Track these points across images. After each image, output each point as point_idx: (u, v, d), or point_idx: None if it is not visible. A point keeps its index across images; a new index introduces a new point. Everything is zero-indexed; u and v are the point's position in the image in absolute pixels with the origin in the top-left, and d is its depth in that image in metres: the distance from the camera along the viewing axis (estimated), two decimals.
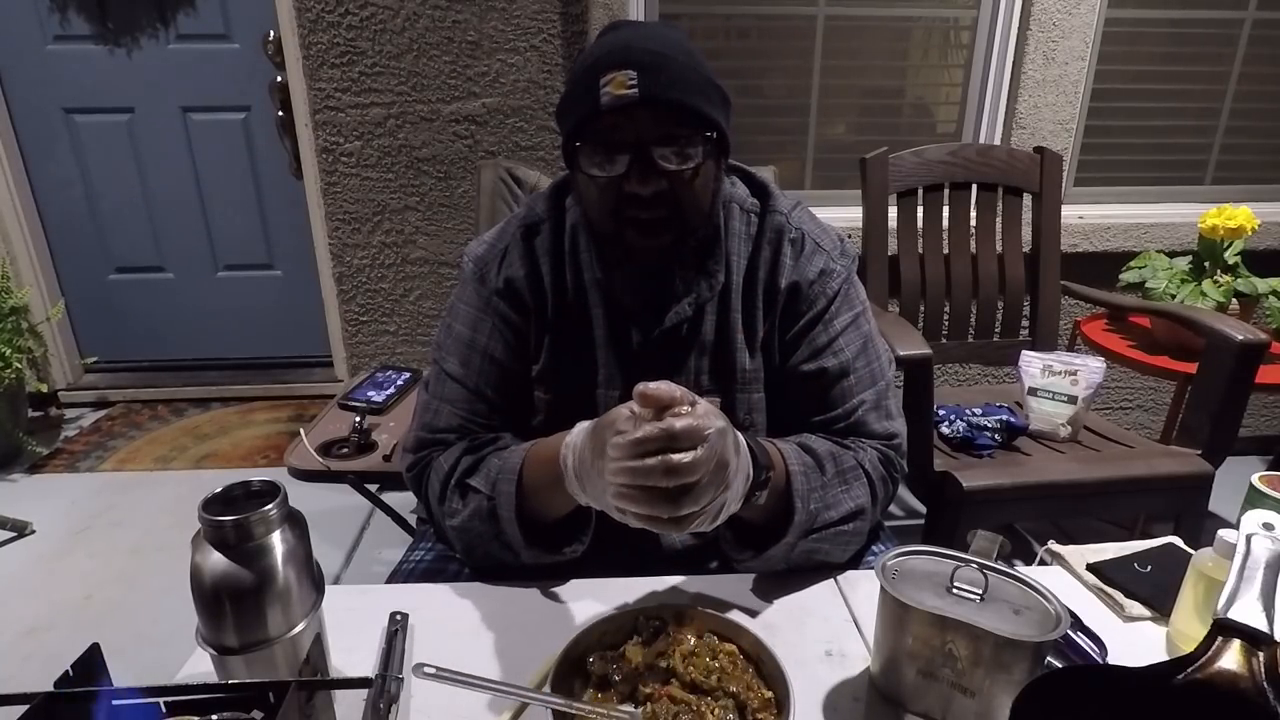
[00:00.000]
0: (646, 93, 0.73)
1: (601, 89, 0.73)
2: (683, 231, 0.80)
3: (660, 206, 0.77)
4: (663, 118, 0.75)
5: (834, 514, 0.79)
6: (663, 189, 0.76)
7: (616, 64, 0.74)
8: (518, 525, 0.77)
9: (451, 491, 0.83)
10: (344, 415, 1.57)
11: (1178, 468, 1.40)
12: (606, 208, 0.79)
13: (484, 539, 0.81)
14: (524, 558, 0.80)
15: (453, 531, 0.84)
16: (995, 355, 1.83)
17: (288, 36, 2.19)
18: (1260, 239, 2.05)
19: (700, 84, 0.76)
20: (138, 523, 2.07)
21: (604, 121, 0.75)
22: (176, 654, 0.67)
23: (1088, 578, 0.81)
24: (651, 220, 0.78)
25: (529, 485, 0.78)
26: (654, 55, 0.74)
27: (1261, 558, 0.56)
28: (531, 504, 0.78)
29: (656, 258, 0.81)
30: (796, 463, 0.77)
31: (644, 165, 0.75)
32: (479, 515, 0.80)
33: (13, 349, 2.25)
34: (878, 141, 1.75)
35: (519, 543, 0.78)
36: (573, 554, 0.80)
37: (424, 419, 0.89)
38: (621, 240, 0.80)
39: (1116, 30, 2.21)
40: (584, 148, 0.77)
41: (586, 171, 0.78)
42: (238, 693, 0.55)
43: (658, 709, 0.60)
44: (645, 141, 0.75)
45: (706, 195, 0.81)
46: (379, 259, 2.39)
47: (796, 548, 0.78)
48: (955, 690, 0.61)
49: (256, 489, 0.61)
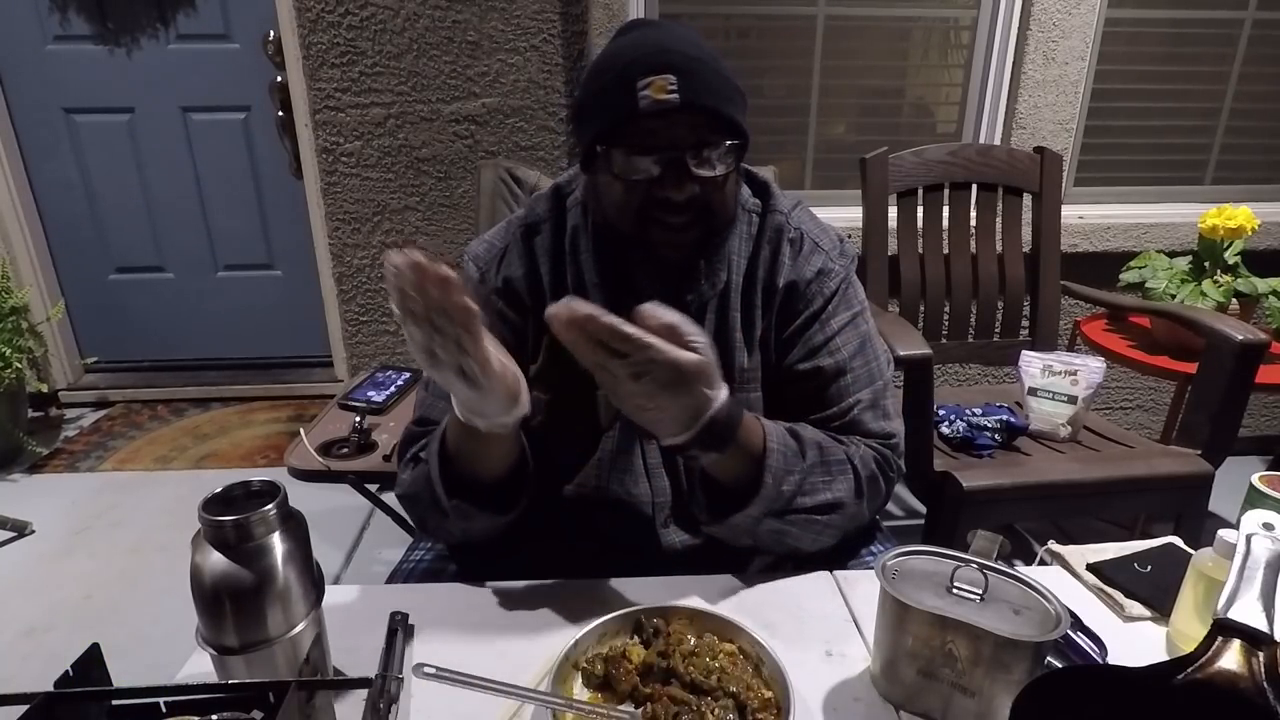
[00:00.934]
0: (686, 98, 0.73)
1: (639, 92, 0.73)
2: (708, 233, 0.81)
3: (689, 211, 0.78)
4: (699, 124, 0.75)
5: (808, 500, 0.79)
6: (694, 194, 0.76)
7: (657, 67, 0.73)
8: (440, 477, 0.77)
9: (405, 465, 0.84)
10: (344, 415, 1.57)
11: (1178, 468, 1.40)
12: (632, 208, 0.79)
13: (425, 505, 0.80)
14: (453, 517, 0.78)
15: (404, 504, 0.84)
16: (995, 355, 1.83)
17: (288, 36, 2.19)
18: (1260, 239, 2.05)
19: (730, 90, 0.77)
20: (138, 523, 2.07)
21: (639, 125, 0.74)
22: (176, 654, 0.67)
23: (1088, 578, 0.81)
24: (680, 224, 0.78)
25: (452, 440, 0.77)
26: (690, 60, 0.74)
27: (1261, 558, 0.56)
28: (460, 464, 0.77)
29: (683, 255, 0.82)
30: (776, 440, 0.77)
31: (678, 171, 0.75)
32: (418, 480, 0.80)
33: (13, 349, 2.25)
34: (878, 141, 1.75)
35: (444, 499, 0.77)
36: (508, 517, 0.79)
37: (419, 414, 0.89)
38: (645, 240, 0.80)
39: (1116, 30, 2.21)
40: (614, 150, 0.76)
41: (614, 173, 0.77)
42: (238, 693, 0.55)
43: (658, 709, 0.60)
44: (681, 146, 0.75)
45: (732, 199, 0.83)
46: (379, 259, 2.39)
47: (763, 524, 0.77)
48: (955, 690, 0.61)
49: (256, 489, 0.61)
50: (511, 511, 0.80)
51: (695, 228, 0.80)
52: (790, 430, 0.81)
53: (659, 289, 0.85)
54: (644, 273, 0.84)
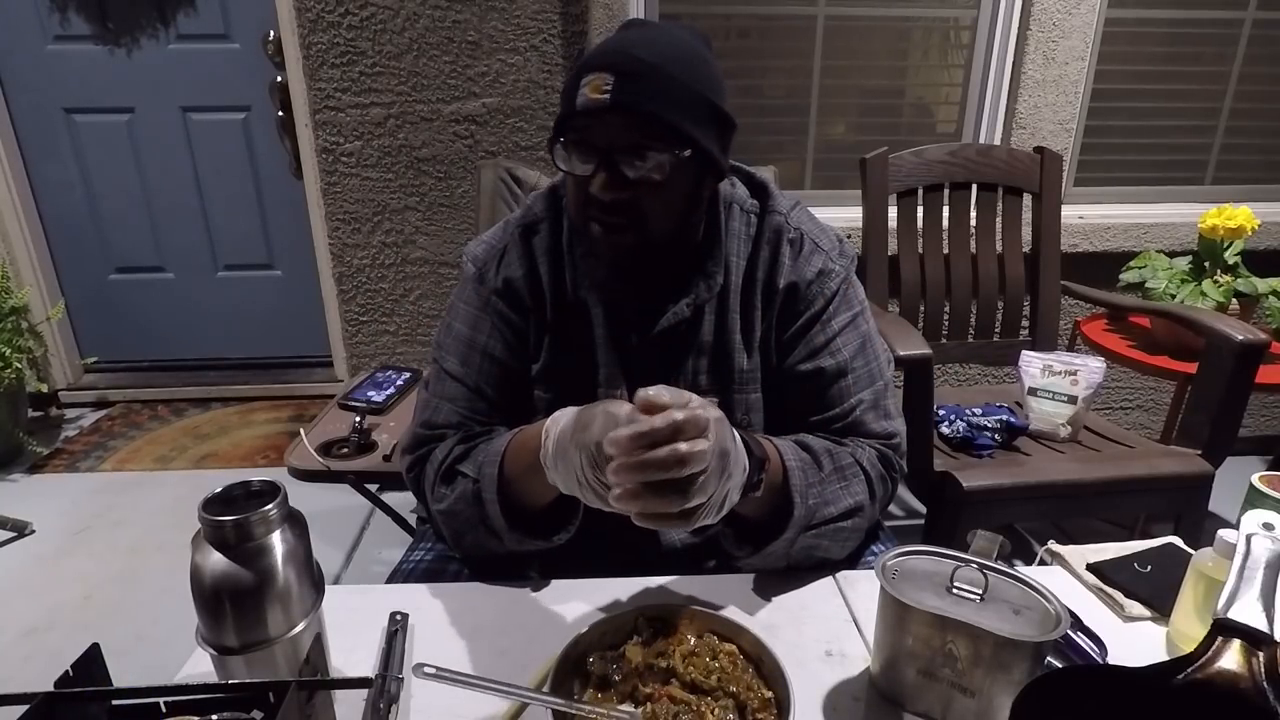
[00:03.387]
0: (618, 99, 0.72)
1: (580, 89, 0.74)
2: (646, 237, 0.79)
3: (621, 213, 0.77)
4: (632, 126, 0.74)
5: (833, 510, 0.79)
6: (624, 197, 0.76)
7: (598, 66, 0.74)
8: (499, 508, 0.77)
9: (441, 478, 0.83)
10: (344, 415, 1.57)
11: (1178, 468, 1.40)
12: (577, 203, 0.80)
13: (469, 524, 0.81)
14: (507, 542, 0.79)
15: (440, 517, 0.84)
16: (995, 355, 1.83)
17: (288, 36, 2.19)
18: (1260, 239, 2.05)
19: (686, 99, 0.75)
20: (138, 523, 2.07)
21: (578, 121, 0.75)
22: (176, 654, 0.67)
23: (1088, 578, 0.81)
24: (612, 224, 0.78)
25: (512, 468, 0.77)
26: (639, 62, 0.73)
27: (1261, 558, 0.56)
28: (516, 489, 0.78)
29: (622, 256, 0.81)
30: (793, 459, 0.77)
31: (610, 172, 0.75)
32: (464, 499, 0.80)
33: (13, 349, 2.25)
34: (878, 141, 1.75)
35: (501, 525, 0.78)
36: (558, 541, 0.80)
37: (423, 416, 0.89)
38: (588, 234, 0.81)
39: (1116, 30, 2.21)
40: (562, 144, 0.77)
41: (558, 167, 0.79)
42: (238, 693, 0.55)
43: (658, 709, 0.60)
44: (613, 148, 0.74)
45: (675, 211, 0.80)
46: (379, 259, 2.39)
47: (796, 544, 0.77)
48: (955, 690, 0.61)
49: (256, 489, 0.61)
50: (562, 535, 0.80)
51: (629, 231, 0.78)
52: (799, 443, 0.81)
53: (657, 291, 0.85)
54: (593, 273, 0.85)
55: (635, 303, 0.86)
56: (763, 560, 0.79)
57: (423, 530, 0.99)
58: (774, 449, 0.77)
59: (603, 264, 0.84)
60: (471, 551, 0.84)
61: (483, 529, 0.80)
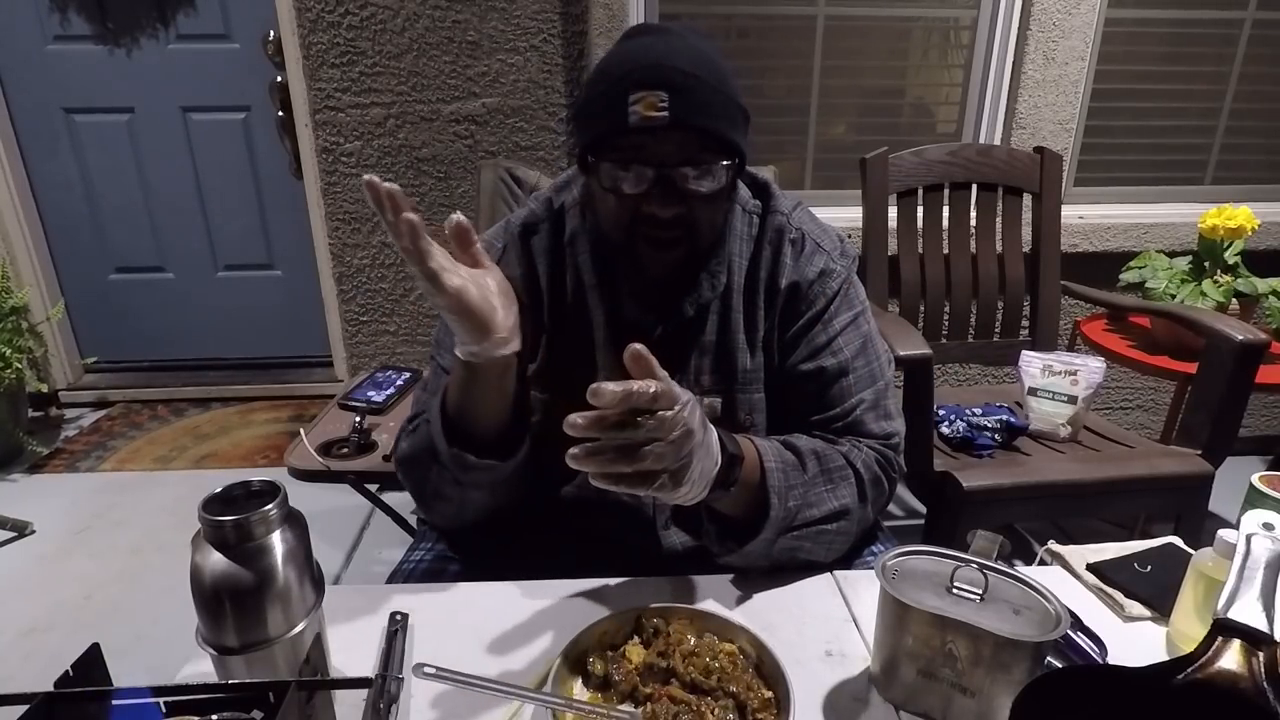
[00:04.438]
0: (676, 117, 0.72)
1: (630, 107, 0.72)
2: (694, 249, 0.81)
3: (677, 228, 0.77)
4: (690, 142, 0.74)
5: (815, 512, 0.79)
6: (681, 212, 0.76)
7: (649, 83, 0.72)
8: (440, 425, 0.76)
9: (406, 434, 0.84)
10: (344, 415, 1.57)
11: (1178, 468, 1.40)
12: (622, 222, 0.78)
13: (422, 464, 0.80)
14: (450, 467, 0.77)
15: (401, 471, 0.84)
16: (995, 355, 1.83)
17: (288, 36, 2.19)
18: (1260, 239, 2.05)
19: (727, 107, 0.75)
20: (138, 523, 2.07)
21: (628, 140, 0.74)
22: (176, 654, 0.67)
23: (1088, 578, 0.81)
24: (666, 239, 0.78)
25: (453, 392, 0.77)
26: (686, 76, 0.72)
27: (1261, 558, 0.56)
28: (461, 418, 0.77)
29: (667, 271, 0.82)
30: (774, 459, 0.77)
31: (665, 188, 0.74)
32: (418, 439, 0.81)
33: (13, 349, 2.25)
34: (878, 141, 1.75)
35: (444, 447, 0.76)
36: (507, 465, 0.78)
37: (414, 411, 0.88)
38: (633, 253, 0.80)
39: (1116, 30, 2.21)
40: (603, 162, 0.76)
41: (604, 186, 0.77)
42: (238, 693, 0.55)
43: (658, 709, 0.60)
44: (669, 164, 0.74)
45: (720, 215, 0.82)
46: (379, 259, 2.39)
47: (776, 544, 0.77)
48: (955, 690, 0.61)
49: (256, 489, 0.61)
50: (509, 459, 0.78)
51: (681, 245, 0.79)
52: (786, 443, 0.81)
53: (655, 293, 0.85)
54: (631, 284, 0.84)
55: (643, 310, 0.86)
56: (743, 559, 0.78)
57: (423, 530, 0.99)
58: (753, 449, 0.77)
59: (643, 279, 0.83)
60: (434, 509, 0.84)
61: (436, 467, 0.78)
